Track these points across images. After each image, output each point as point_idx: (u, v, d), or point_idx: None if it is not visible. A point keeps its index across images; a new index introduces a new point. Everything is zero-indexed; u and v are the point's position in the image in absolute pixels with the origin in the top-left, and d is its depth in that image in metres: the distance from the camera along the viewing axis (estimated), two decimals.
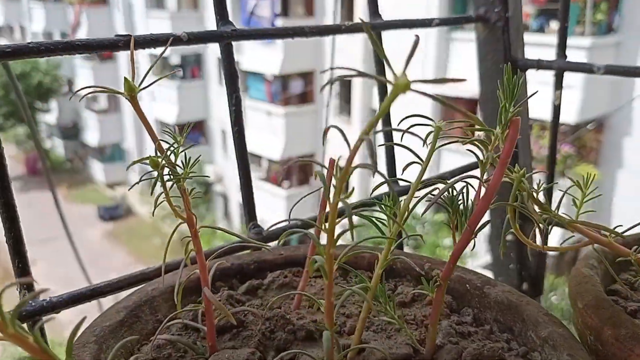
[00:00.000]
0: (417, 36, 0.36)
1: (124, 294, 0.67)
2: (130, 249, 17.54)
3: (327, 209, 0.55)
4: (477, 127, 0.53)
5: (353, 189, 0.41)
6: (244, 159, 0.73)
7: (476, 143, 0.52)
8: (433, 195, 0.55)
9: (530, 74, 1.01)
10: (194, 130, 18.64)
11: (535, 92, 0.53)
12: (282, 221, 0.62)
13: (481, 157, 0.53)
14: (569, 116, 10.15)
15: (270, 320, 0.59)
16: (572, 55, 0.96)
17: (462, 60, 11.22)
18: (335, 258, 0.48)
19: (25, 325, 0.58)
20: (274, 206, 14.64)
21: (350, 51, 12.95)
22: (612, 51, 10.58)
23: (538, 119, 10.35)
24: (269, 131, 15.15)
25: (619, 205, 10.59)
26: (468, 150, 0.54)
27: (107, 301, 0.75)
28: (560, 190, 0.58)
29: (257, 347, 0.55)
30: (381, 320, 0.60)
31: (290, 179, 16.00)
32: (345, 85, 14.16)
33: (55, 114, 22.26)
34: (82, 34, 20.34)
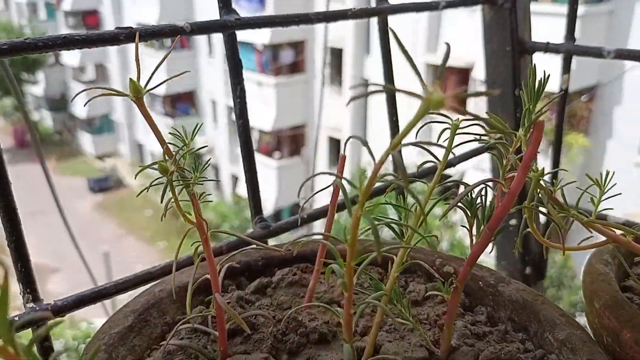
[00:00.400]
0: (448, 44, 0.34)
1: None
2: (121, 221, 17.52)
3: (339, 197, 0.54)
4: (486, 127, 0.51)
5: (378, 203, 0.39)
6: (249, 153, 0.71)
7: (497, 146, 0.50)
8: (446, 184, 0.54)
9: None
10: (183, 102, 18.47)
11: (560, 94, 0.51)
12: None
13: (501, 158, 0.52)
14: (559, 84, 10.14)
15: (281, 323, 0.58)
16: (564, 24, 0.94)
17: (454, 29, 11.11)
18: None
19: (30, 331, 0.57)
20: (264, 177, 14.62)
21: (341, 23, 12.77)
22: (605, 19, 10.51)
23: None
24: (260, 101, 15.02)
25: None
26: (490, 153, 0.52)
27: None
28: (579, 188, 0.57)
29: (269, 351, 0.54)
30: (394, 319, 0.60)
31: (282, 150, 15.95)
32: (336, 55, 14.01)
33: (43, 85, 21.92)
34: (67, 5, 19.91)
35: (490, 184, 0.53)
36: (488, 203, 0.52)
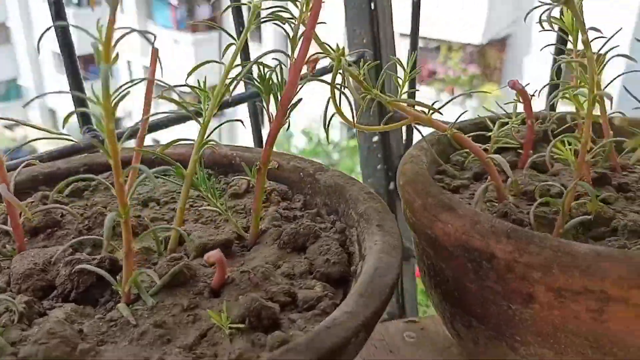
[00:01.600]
0: None
1: None
2: None
3: None
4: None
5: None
6: (71, 58, 0.68)
7: (282, 17, 0.50)
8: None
9: None
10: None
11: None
12: None
13: (290, 32, 0.51)
14: (474, 37, 10.44)
15: (89, 219, 0.56)
16: None
17: None
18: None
19: None
20: None
21: None
22: None
23: (445, 40, 10.53)
24: (179, 60, 14.54)
25: None
26: (276, 24, 0.51)
27: None
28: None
29: (72, 245, 0.53)
30: (211, 212, 0.59)
31: None
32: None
33: None
34: None
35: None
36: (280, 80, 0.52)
